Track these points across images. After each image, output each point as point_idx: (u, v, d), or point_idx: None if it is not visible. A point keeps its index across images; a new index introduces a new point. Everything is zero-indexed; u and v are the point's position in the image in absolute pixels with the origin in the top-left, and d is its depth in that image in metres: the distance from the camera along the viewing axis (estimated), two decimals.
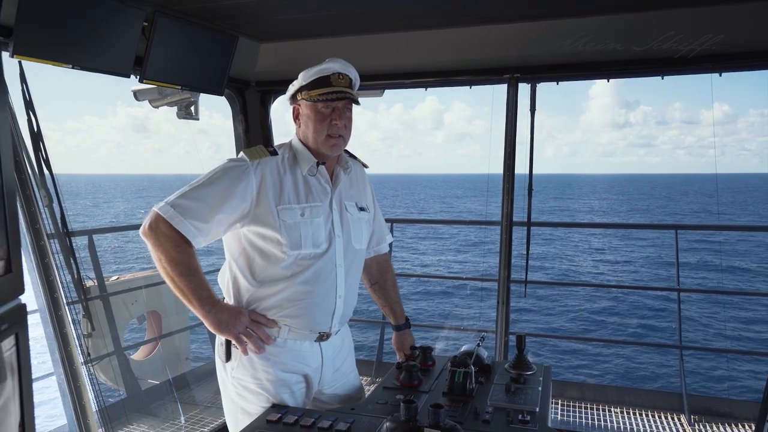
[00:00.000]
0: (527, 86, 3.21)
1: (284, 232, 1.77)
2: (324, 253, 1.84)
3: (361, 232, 2.00)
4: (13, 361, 1.06)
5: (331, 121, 1.83)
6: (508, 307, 3.13)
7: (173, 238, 1.69)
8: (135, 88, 3.39)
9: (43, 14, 2.17)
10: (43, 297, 2.33)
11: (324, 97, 1.81)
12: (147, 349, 4.49)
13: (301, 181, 1.86)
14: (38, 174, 2.46)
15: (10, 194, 1.05)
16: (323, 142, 1.85)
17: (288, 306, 1.82)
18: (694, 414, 3.49)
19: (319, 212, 1.85)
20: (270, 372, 1.82)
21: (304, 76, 1.84)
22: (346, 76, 1.87)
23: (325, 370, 1.93)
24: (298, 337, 1.85)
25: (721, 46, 2.72)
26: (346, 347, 2.06)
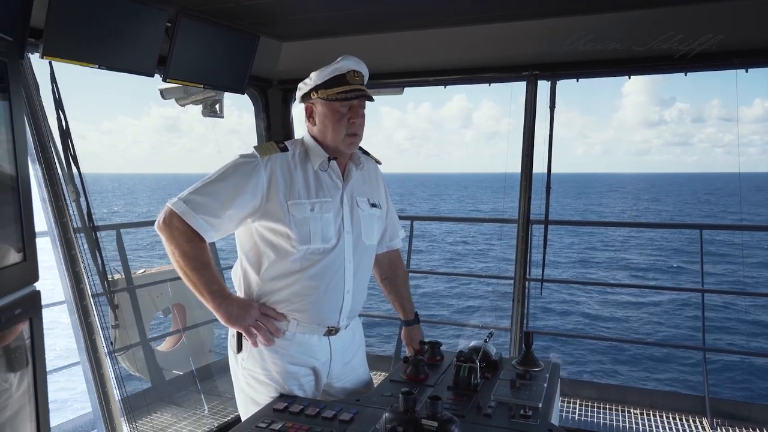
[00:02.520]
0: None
1: (294, 226, 1.79)
2: (333, 248, 1.86)
3: (372, 228, 2.01)
4: (27, 345, 1.13)
5: (350, 120, 1.85)
6: (524, 304, 3.13)
7: (186, 232, 1.75)
8: (161, 86, 3.49)
9: (71, 17, 2.26)
10: (69, 288, 2.43)
11: (342, 96, 1.82)
12: (172, 340, 4.62)
13: (312, 177, 1.88)
14: (66, 170, 2.56)
15: (25, 188, 1.12)
16: (342, 141, 1.87)
17: (296, 300, 1.85)
18: (716, 417, 3.41)
19: (329, 207, 1.86)
20: (279, 364, 1.86)
21: (319, 75, 1.85)
22: (360, 74, 1.89)
23: (334, 364, 1.95)
24: (307, 331, 1.88)
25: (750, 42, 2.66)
26: (356, 342, 2.07)
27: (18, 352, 1.11)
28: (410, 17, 2.98)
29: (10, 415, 1.10)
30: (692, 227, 5.20)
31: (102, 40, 2.40)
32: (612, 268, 23.69)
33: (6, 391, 1.09)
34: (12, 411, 1.11)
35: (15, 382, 1.12)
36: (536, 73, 3.15)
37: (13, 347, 1.10)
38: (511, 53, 3.12)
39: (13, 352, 1.10)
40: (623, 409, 3.59)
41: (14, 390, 1.12)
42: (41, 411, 1.19)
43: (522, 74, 3.17)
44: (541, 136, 3.26)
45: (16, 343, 1.10)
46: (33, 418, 1.17)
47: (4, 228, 1.06)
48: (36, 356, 1.15)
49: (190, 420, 3.61)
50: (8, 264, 1.05)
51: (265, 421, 1.60)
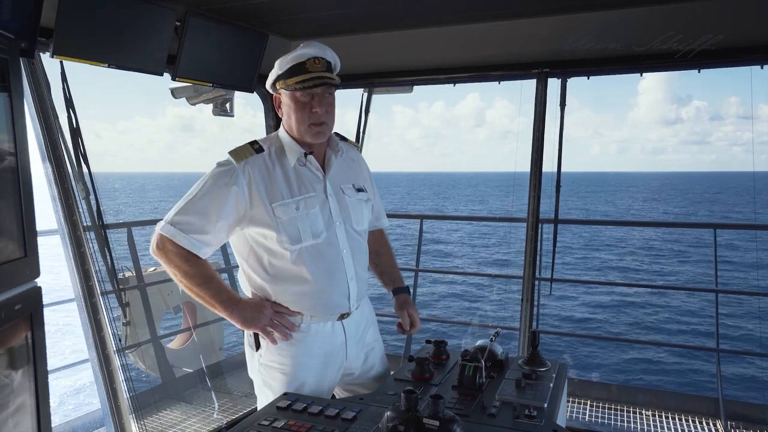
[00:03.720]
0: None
1: (282, 228, 1.79)
2: (325, 241, 1.86)
3: (361, 213, 2.00)
4: (27, 340, 1.13)
5: (312, 109, 1.81)
6: (533, 304, 3.10)
7: (181, 254, 1.76)
8: (172, 86, 3.51)
9: (81, 16, 2.28)
10: (78, 285, 2.45)
11: (301, 85, 1.79)
12: (182, 338, 4.65)
13: (292, 173, 1.87)
14: (76, 168, 2.58)
15: (27, 184, 1.13)
16: (306, 131, 1.84)
17: (304, 298, 1.86)
18: (731, 420, 3.36)
19: (313, 203, 1.85)
20: (296, 356, 1.88)
21: (280, 64, 1.83)
22: (323, 60, 1.83)
23: (350, 345, 1.98)
24: (321, 320, 1.90)
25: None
26: (365, 318, 2.08)
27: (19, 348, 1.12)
28: (419, 15, 2.96)
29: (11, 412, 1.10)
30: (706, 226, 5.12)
31: (111, 39, 2.42)
32: (621, 269, 23.45)
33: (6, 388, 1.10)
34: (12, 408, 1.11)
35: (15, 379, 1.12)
36: (546, 71, 3.12)
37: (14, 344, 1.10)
38: (520, 51, 3.10)
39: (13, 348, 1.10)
40: (634, 410, 3.54)
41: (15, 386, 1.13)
42: (42, 407, 1.20)
43: (532, 72, 3.14)
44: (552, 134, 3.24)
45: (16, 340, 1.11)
46: (34, 415, 1.18)
47: (5, 224, 1.07)
48: (37, 352, 1.15)
49: (199, 417, 3.63)
50: (9, 260, 1.05)
51: (267, 418, 1.60)
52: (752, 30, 2.66)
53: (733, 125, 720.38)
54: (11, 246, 1.07)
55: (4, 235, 1.06)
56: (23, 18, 1.94)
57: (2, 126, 1.06)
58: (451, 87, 4.49)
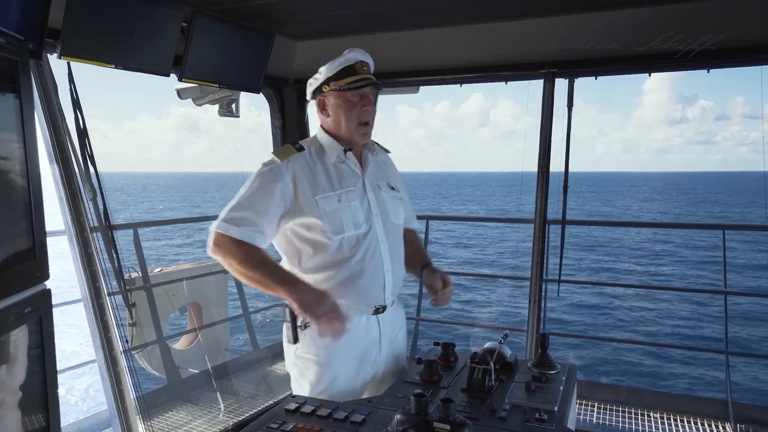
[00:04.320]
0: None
1: (325, 219, 1.88)
2: (366, 233, 1.95)
3: (397, 208, 2.11)
4: (36, 343, 1.13)
5: (362, 108, 1.94)
6: (540, 305, 3.08)
7: (237, 245, 1.84)
8: (178, 86, 3.51)
9: (88, 17, 2.29)
10: (85, 286, 2.45)
11: (353, 85, 1.91)
12: (188, 339, 4.65)
13: (333, 169, 1.97)
14: (83, 169, 2.58)
15: (37, 187, 1.12)
16: (356, 130, 1.96)
17: (341, 288, 1.91)
18: (740, 423, 3.33)
19: (354, 196, 1.96)
20: (332, 348, 1.91)
21: (329, 68, 1.94)
22: (367, 64, 1.98)
23: (383, 341, 2.03)
24: (356, 312, 1.95)
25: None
26: (400, 319, 2.16)
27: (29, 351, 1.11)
28: (426, 15, 2.96)
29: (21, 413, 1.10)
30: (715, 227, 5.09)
31: (118, 40, 2.42)
32: (618, 270, 23.36)
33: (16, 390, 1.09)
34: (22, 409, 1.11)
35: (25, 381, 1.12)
36: (554, 71, 3.10)
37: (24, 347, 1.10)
38: (528, 51, 3.08)
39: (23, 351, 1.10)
40: (642, 412, 3.51)
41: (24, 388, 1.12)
42: (51, 408, 1.20)
43: (539, 72, 3.12)
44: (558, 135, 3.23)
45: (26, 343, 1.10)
46: (43, 415, 1.17)
47: (15, 226, 1.06)
48: (46, 354, 1.15)
49: (206, 419, 3.63)
50: (19, 262, 1.05)
51: (276, 421, 1.59)
52: (755, 30, 2.63)
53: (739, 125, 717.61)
54: (21, 248, 1.07)
55: (14, 237, 1.06)
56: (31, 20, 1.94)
57: (12, 128, 1.06)
58: (455, 87, 4.57)
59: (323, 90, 1.97)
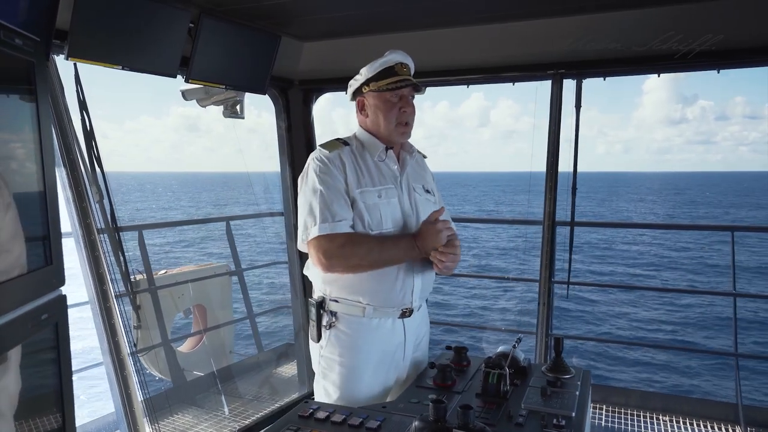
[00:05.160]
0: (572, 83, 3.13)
1: (365, 212, 1.91)
2: (401, 231, 1.97)
3: (430, 212, 2.07)
4: (52, 349, 1.11)
5: (401, 109, 1.97)
6: (550, 308, 3.06)
7: (343, 243, 1.85)
8: (183, 88, 3.49)
9: (96, 18, 2.27)
10: (93, 289, 2.43)
11: (393, 86, 1.94)
12: (193, 341, 4.62)
13: (373, 167, 2.01)
14: (90, 171, 2.56)
15: (52, 192, 1.10)
16: (395, 130, 1.99)
17: (371, 286, 1.92)
18: (750, 426, 3.31)
19: (393, 193, 1.99)
20: (355, 349, 1.93)
21: (370, 69, 1.97)
22: (407, 65, 2.02)
23: (408, 346, 2.03)
24: (383, 315, 1.95)
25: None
26: (425, 324, 2.17)
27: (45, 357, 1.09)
28: (432, 16, 2.94)
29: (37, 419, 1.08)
30: (724, 229, 5.06)
31: (126, 41, 2.40)
32: (636, 274, 23.33)
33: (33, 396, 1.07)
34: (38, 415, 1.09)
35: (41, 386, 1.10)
36: (562, 72, 3.08)
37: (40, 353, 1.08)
38: (536, 51, 3.06)
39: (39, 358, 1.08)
40: (652, 416, 3.49)
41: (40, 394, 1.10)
42: (67, 416, 1.17)
43: (547, 73, 3.10)
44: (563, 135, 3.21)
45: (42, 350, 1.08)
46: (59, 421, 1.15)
47: (30, 231, 1.04)
48: (62, 360, 1.13)
49: (212, 422, 3.61)
50: (34, 268, 1.03)
51: (290, 427, 1.57)
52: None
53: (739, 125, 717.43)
54: (36, 253, 1.05)
55: (29, 242, 1.03)
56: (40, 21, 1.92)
57: (28, 132, 1.04)
58: (455, 86, 4.54)
59: (363, 91, 2.00)
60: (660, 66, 2.86)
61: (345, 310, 1.96)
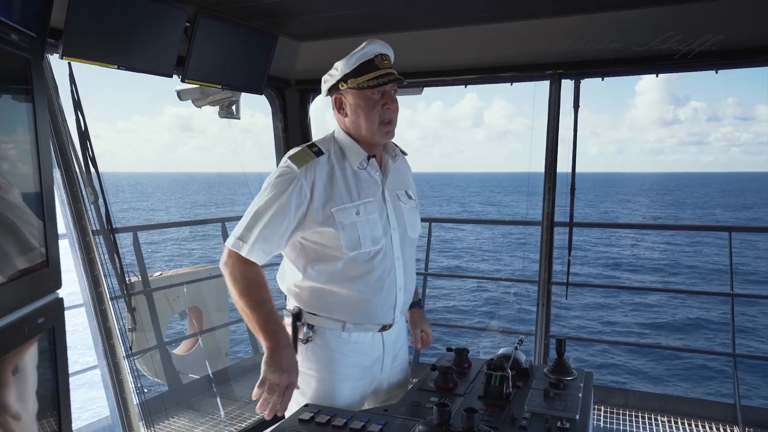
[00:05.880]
0: (570, 83, 3.12)
1: (342, 233, 1.75)
2: (382, 249, 1.82)
3: (415, 221, 1.98)
4: (49, 354, 1.08)
5: (384, 106, 1.78)
6: (549, 309, 3.05)
7: (243, 269, 1.74)
8: (178, 88, 3.46)
9: (91, 17, 2.24)
10: (87, 291, 2.40)
11: (374, 83, 1.75)
12: (188, 344, 4.59)
13: (352, 177, 1.82)
14: (85, 172, 2.53)
15: (49, 192, 1.08)
16: (378, 130, 1.80)
17: (349, 305, 1.82)
18: (748, 426, 3.31)
19: (373, 208, 1.82)
20: (332, 365, 1.84)
21: (347, 63, 1.77)
22: (388, 56, 1.82)
23: (386, 359, 1.94)
24: (362, 330, 1.86)
25: None
26: (403, 333, 2.06)
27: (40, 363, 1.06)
28: (430, 15, 2.92)
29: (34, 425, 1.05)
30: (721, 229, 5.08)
31: (121, 40, 2.37)
32: (632, 272, 23.43)
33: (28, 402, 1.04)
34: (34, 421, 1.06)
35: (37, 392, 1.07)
36: (560, 72, 3.07)
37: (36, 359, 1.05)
38: (534, 52, 3.05)
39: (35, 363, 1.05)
40: (651, 416, 3.49)
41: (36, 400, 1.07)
42: (64, 420, 1.15)
43: (546, 73, 3.09)
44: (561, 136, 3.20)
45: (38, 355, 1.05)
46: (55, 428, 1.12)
47: (27, 232, 1.01)
48: (59, 365, 1.10)
49: (208, 425, 3.58)
50: (31, 270, 1.00)
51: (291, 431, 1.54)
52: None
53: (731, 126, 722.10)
54: (33, 255, 1.02)
55: (26, 244, 1.01)
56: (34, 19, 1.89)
57: (24, 131, 1.01)
58: (449, 87, 4.48)
59: (340, 88, 1.80)
60: (659, 66, 2.86)
61: (323, 324, 1.84)
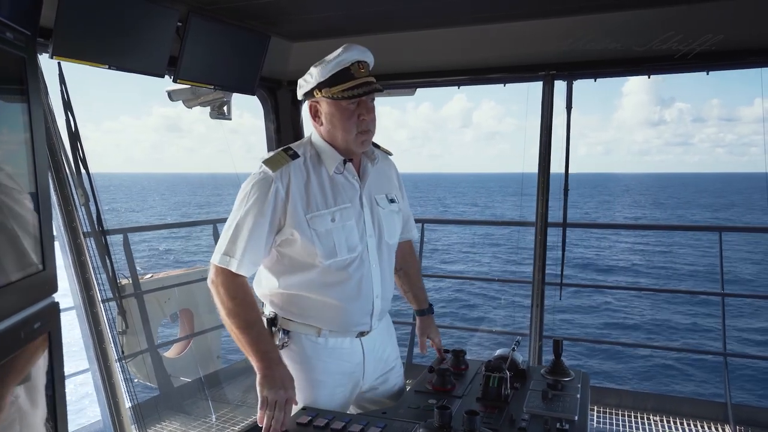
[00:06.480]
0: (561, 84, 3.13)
1: (317, 241, 1.71)
2: (358, 256, 1.78)
3: (394, 226, 1.94)
4: (45, 359, 1.06)
5: (359, 117, 1.72)
6: (543, 310, 3.05)
7: (230, 288, 1.70)
8: (169, 88, 3.43)
9: (81, 16, 2.20)
10: (79, 294, 2.36)
11: (348, 94, 1.68)
12: (179, 347, 4.54)
13: (328, 183, 1.78)
14: (75, 173, 2.49)
15: (44, 195, 1.06)
16: (354, 141, 1.75)
17: (324, 312, 1.78)
18: (739, 425, 3.34)
19: (350, 214, 1.77)
20: (311, 372, 1.80)
21: (321, 71, 1.70)
22: (366, 63, 1.75)
23: (368, 364, 1.89)
24: (339, 335, 1.82)
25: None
26: (386, 334, 2.00)
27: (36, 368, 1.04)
28: (424, 16, 2.92)
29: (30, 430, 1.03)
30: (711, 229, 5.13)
31: (112, 40, 2.34)
32: (625, 273, 23.61)
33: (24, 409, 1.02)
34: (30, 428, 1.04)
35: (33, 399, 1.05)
36: (553, 73, 3.08)
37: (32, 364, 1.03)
38: (527, 53, 3.06)
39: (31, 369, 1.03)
40: (643, 415, 3.51)
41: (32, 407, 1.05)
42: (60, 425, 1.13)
43: (538, 74, 3.10)
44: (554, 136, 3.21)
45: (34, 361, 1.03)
46: None
47: (22, 235, 0.99)
48: (55, 372, 1.08)
49: (201, 429, 3.54)
50: (27, 274, 0.98)
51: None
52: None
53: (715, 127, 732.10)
54: (29, 259, 1.00)
55: (22, 247, 0.99)
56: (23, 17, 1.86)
57: (19, 131, 0.99)
58: (438, 88, 4.46)
59: (314, 95, 1.74)
60: (651, 67, 2.87)
61: (299, 330, 1.81)
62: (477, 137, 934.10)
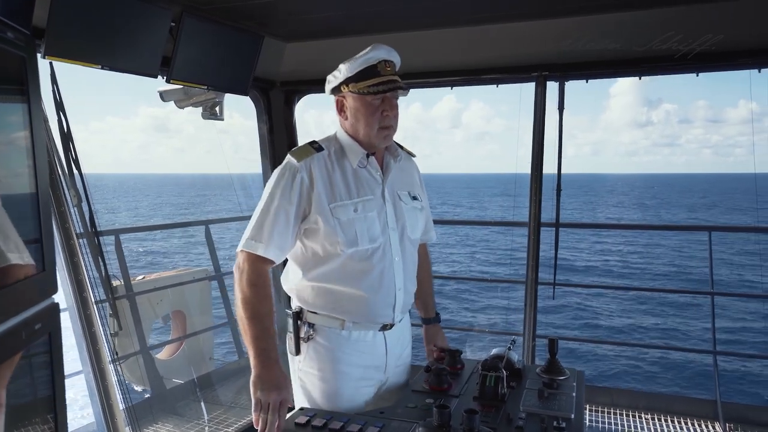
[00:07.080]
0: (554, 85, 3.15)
1: (339, 229, 1.77)
2: (380, 247, 1.83)
3: (417, 222, 1.98)
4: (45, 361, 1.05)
5: (383, 113, 1.80)
6: (536, 309, 3.07)
7: (257, 272, 1.74)
8: (161, 89, 3.41)
9: (74, 16, 2.19)
10: (72, 296, 2.35)
11: (374, 89, 1.76)
12: (172, 348, 4.52)
13: (351, 175, 1.85)
14: (68, 174, 2.48)
15: (44, 196, 1.05)
16: (376, 135, 1.82)
17: (348, 303, 1.83)
18: (729, 422, 3.38)
19: (372, 206, 1.83)
20: (335, 363, 1.84)
21: (349, 67, 1.78)
22: (392, 63, 1.83)
23: (390, 358, 1.93)
24: (362, 328, 1.86)
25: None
26: (407, 334, 2.06)
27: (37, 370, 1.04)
28: (416, 17, 2.93)
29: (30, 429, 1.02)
30: (701, 229, 5.18)
31: (105, 40, 2.32)
32: (617, 274, 23.78)
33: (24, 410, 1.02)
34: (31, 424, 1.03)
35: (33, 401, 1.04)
36: (545, 74, 3.10)
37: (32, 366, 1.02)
38: (519, 54, 3.08)
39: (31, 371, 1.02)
40: (634, 414, 3.54)
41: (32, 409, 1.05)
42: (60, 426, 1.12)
43: (531, 75, 3.12)
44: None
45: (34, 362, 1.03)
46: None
47: (23, 236, 0.98)
48: (55, 373, 1.07)
49: (193, 431, 3.52)
50: (27, 275, 0.97)
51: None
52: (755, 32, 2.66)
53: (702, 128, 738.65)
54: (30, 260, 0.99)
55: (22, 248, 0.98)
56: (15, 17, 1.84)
57: (20, 131, 0.98)
58: (428, 88, 4.43)
59: (341, 90, 1.82)
60: (644, 68, 2.89)
61: (323, 323, 1.85)
62: (467, 137, 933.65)
